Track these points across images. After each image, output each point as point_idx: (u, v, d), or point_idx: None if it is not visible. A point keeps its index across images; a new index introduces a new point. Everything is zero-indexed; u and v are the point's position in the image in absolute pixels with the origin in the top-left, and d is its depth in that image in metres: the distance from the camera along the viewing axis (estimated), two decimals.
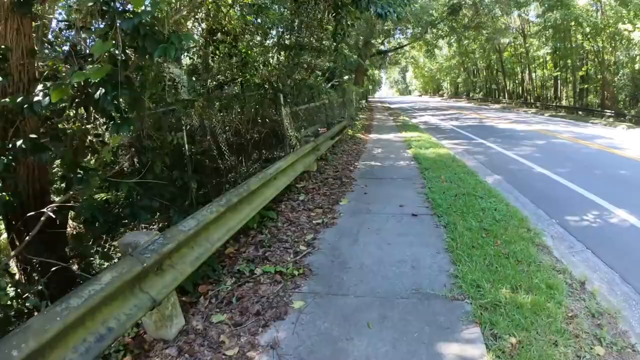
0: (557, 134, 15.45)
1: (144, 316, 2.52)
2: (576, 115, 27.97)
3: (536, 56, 35.43)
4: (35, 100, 3.09)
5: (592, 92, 31.35)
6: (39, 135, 3.58)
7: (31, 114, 3.13)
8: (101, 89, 3.07)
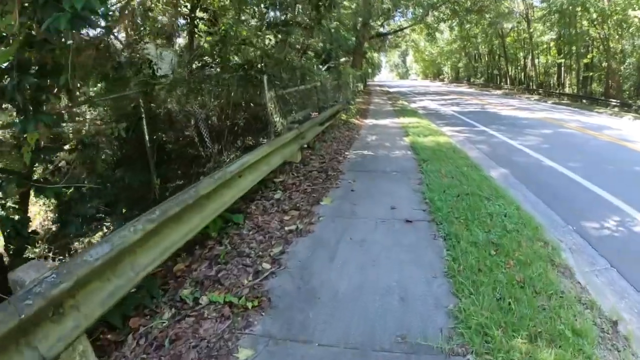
0: (564, 122, 14.59)
1: None
2: (580, 103, 27.07)
3: (540, 42, 34.17)
4: None
5: (595, 80, 30.32)
6: None
7: None
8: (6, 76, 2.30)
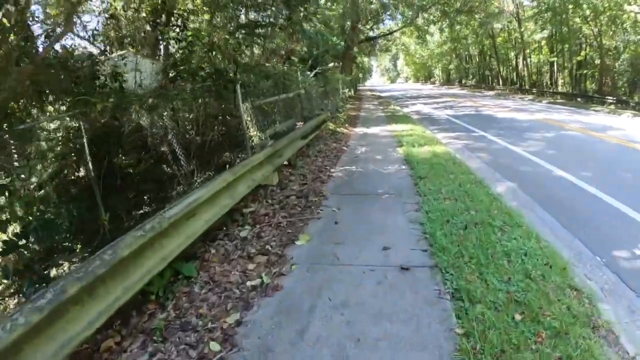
0: (564, 124, 13.85)
1: None
2: (575, 102, 26.55)
3: (532, 41, 33.69)
4: None
5: (589, 78, 29.81)
6: None
7: None
8: None
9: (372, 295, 2.85)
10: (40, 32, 5.56)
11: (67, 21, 5.77)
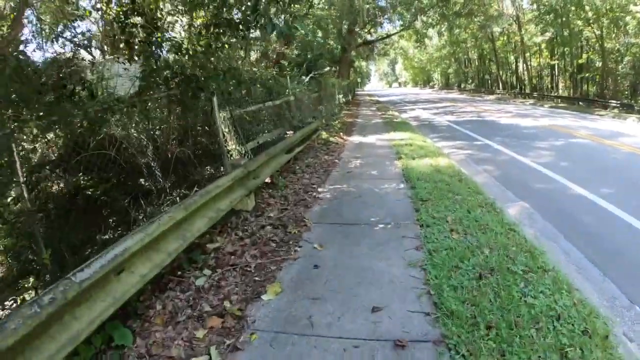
0: (571, 130, 13.07)
1: None
2: (577, 106, 25.87)
3: (532, 44, 32.99)
4: None
5: (590, 81, 29.08)
6: None
7: None
8: None
9: None
10: None
11: (14, 23, 4.97)
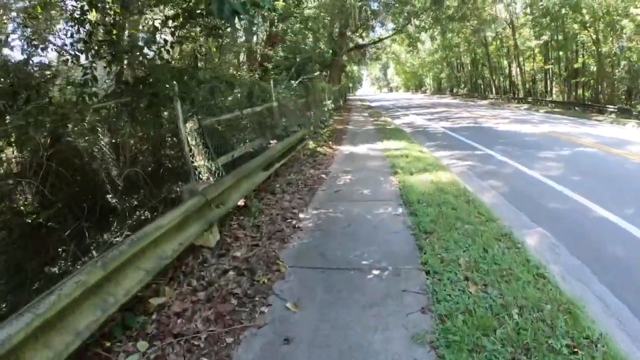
0: (574, 137, 12.30)
1: None
2: (573, 111, 25.34)
3: (526, 48, 32.48)
4: None
5: (586, 85, 28.61)
6: None
7: None
8: None
9: None
10: None
11: None
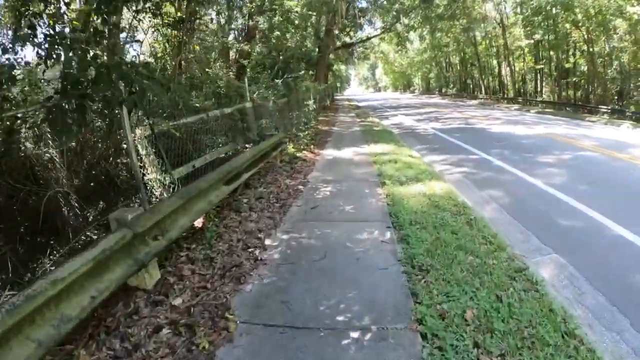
0: (572, 140, 11.63)
1: None
2: (565, 111, 24.90)
3: (516, 47, 32.00)
4: None
5: (577, 86, 28.23)
6: None
7: None
8: None
9: None
10: None
11: None
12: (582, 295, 3.45)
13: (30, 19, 4.23)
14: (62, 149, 4.46)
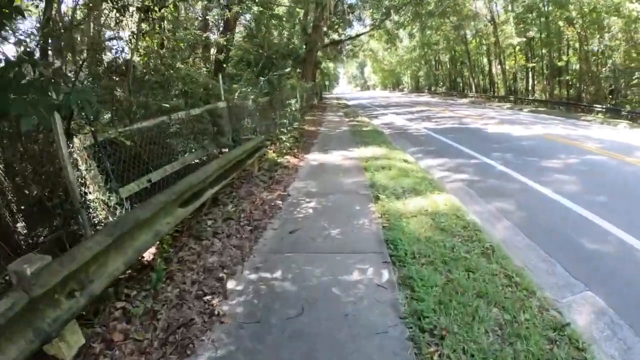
0: (574, 141, 10.96)
1: None
2: (558, 110, 24.44)
3: (508, 45, 31.43)
4: None
5: (569, 84, 27.81)
6: None
7: None
8: None
9: None
10: None
11: None
12: (629, 351, 2.66)
13: None
14: None
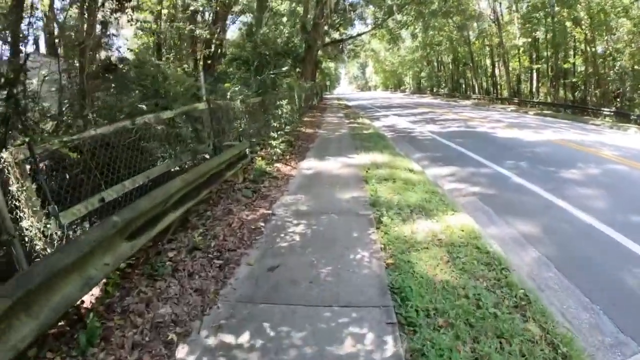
0: (590, 148, 10.21)
1: None
2: (564, 113, 23.64)
3: (513, 46, 30.57)
4: None
5: (574, 87, 26.99)
6: None
7: None
8: None
9: None
10: None
11: None
12: None
13: None
14: None
